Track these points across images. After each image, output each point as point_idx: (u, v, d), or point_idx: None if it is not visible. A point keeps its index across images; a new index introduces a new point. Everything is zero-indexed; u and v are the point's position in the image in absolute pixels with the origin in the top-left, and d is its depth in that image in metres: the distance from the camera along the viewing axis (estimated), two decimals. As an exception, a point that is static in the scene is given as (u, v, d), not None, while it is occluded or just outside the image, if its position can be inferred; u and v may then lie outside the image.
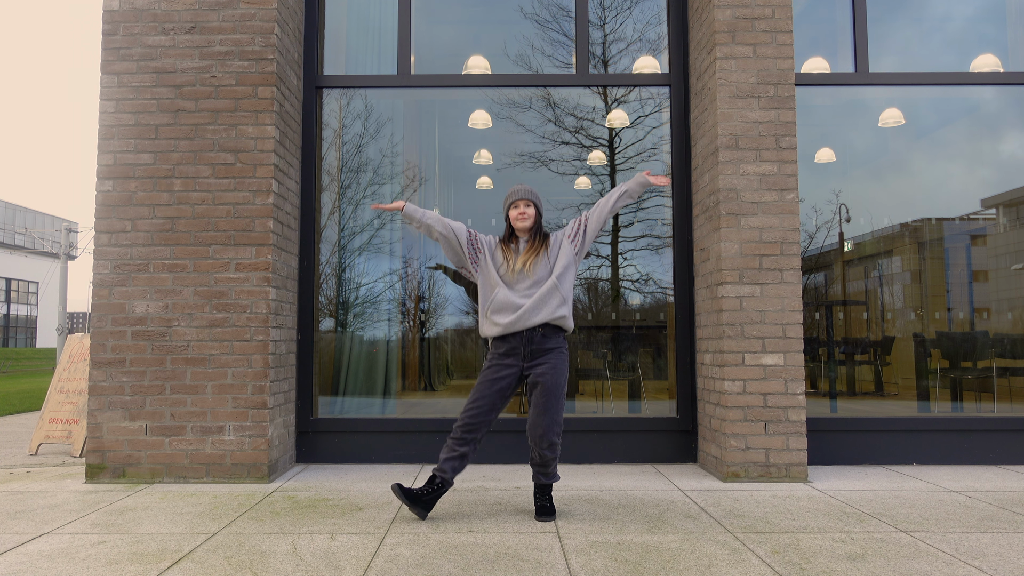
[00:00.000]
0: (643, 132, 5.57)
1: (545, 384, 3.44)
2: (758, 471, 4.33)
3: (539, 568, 2.72)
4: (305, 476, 4.52)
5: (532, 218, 3.58)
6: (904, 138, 5.79)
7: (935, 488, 4.12)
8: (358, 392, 5.41)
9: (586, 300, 5.93)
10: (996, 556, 2.86)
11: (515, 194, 3.61)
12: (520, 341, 3.48)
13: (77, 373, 5.77)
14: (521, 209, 3.57)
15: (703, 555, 2.88)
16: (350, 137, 5.54)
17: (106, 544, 3.04)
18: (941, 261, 5.92)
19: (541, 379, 3.44)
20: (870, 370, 5.80)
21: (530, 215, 3.57)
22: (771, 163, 4.49)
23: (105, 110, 4.50)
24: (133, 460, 4.32)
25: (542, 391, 3.44)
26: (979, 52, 5.44)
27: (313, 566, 2.75)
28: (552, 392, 3.43)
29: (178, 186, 4.46)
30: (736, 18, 4.55)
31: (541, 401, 3.44)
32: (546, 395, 3.43)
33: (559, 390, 3.45)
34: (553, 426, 3.43)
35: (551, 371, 3.45)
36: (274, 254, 4.48)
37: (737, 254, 4.44)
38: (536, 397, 3.46)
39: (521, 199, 3.58)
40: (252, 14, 4.53)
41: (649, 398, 5.50)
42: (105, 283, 4.41)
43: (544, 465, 3.49)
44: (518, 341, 3.48)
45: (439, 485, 3.49)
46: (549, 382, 3.43)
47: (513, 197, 3.61)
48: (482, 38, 5.89)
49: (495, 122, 5.65)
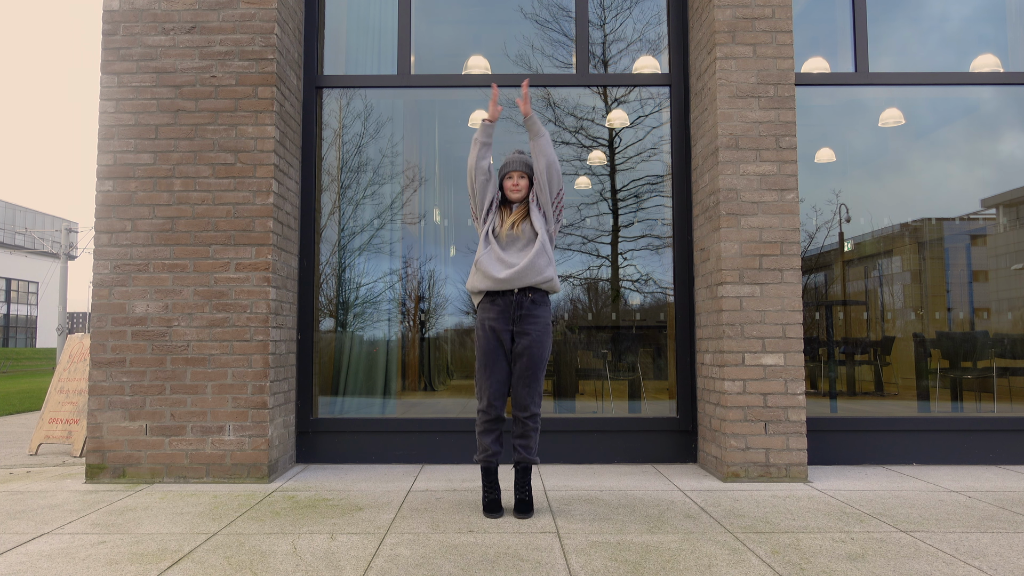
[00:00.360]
0: (643, 132, 5.57)
1: (532, 356, 3.52)
2: (758, 471, 4.33)
3: (539, 568, 2.72)
4: (305, 476, 4.52)
5: (525, 189, 3.65)
6: (904, 138, 5.79)
7: (935, 488, 4.12)
8: (358, 392, 5.41)
9: (586, 300, 5.93)
10: (996, 556, 2.86)
11: (510, 164, 3.66)
12: (509, 306, 3.54)
13: (77, 373, 5.77)
14: (515, 180, 3.63)
15: (703, 555, 2.88)
16: (350, 137, 5.54)
17: (106, 544, 3.04)
18: (941, 261, 5.92)
19: (527, 351, 3.52)
20: (870, 370, 5.80)
21: (523, 186, 3.64)
22: (771, 163, 4.50)
23: (105, 110, 4.50)
24: (133, 460, 4.32)
25: (528, 363, 3.53)
26: (979, 52, 5.44)
27: (313, 566, 2.75)
28: (538, 365, 3.54)
29: (178, 186, 4.46)
30: (736, 18, 4.55)
31: (527, 374, 3.53)
32: (532, 367, 3.53)
33: (543, 363, 3.57)
34: (536, 397, 3.57)
35: (537, 344, 3.53)
36: (274, 254, 4.48)
37: (737, 254, 4.44)
38: (521, 369, 3.54)
39: (515, 170, 3.63)
40: (252, 14, 4.53)
41: (649, 398, 5.50)
42: (105, 283, 4.41)
43: (526, 436, 3.58)
44: (507, 304, 3.54)
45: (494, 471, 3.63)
46: (535, 354, 3.53)
47: (508, 168, 3.65)
48: (482, 38, 5.89)
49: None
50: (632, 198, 5.59)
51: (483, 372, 3.57)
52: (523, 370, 3.53)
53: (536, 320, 3.54)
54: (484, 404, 3.57)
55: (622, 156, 5.65)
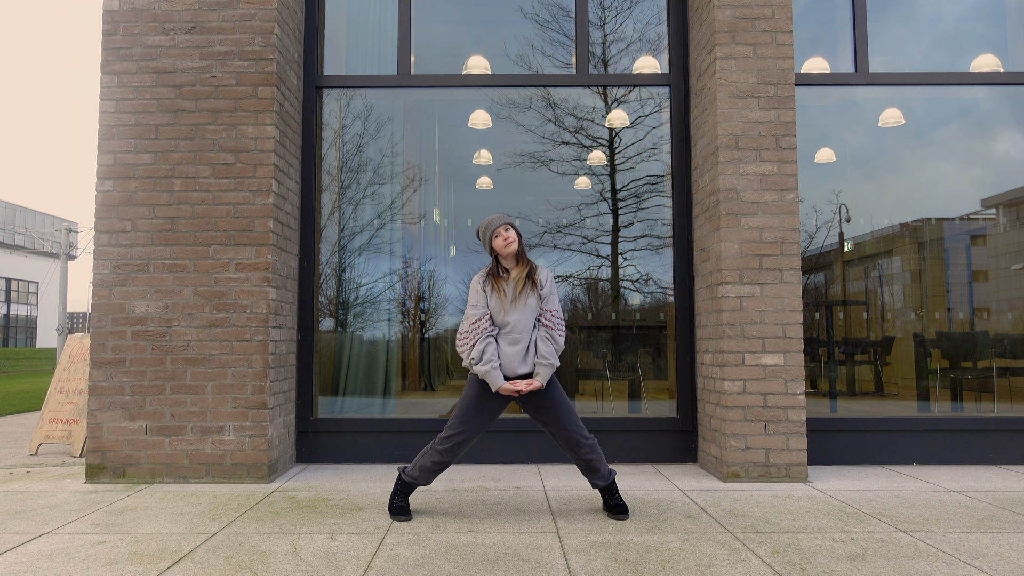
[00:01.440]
0: (643, 132, 5.57)
1: (555, 410, 3.47)
2: (758, 471, 4.33)
3: (539, 568, 2.72)
4: (305, 476, 4.52)
5: (516, 240, 3.53)
6: (904, 138, 5.79)
7: (935, 488, 4.12)
8: (358, 392, 5.41)
9: (586, 300, 5.93)
10: (996, 556, 2.86)
11: (493, 223, 3.53)
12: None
13: (77, 373, 5.77)
14: (503, 236, 3.50)
15: (703, 555, 2.88)
16: (350, 137, 5.54)
17: (106, 544, 3.05)
18: (941, 261, 5.92)
19: (548, 410, 3.48)
20: (870, 370, 5.80)
21: (514, 238, 3.51)
22: (771, 163, 4.50)
23: (105, 110, 4.50)
24: (133, 460, 4.32)
25: (554, 416, 3.47)
26: (979, 52, 5.44)
27: (313, 566, 2.75)
28: (562, 412, 3.48)
29: (178, 186, 4.46)
30: (736, 18, 4.55)
31: (560, 422, 3.47)
32: (561, 416, 3.47)
33: (567, 406, 3.50)
34: (579, 428, 3.49)
35: (553, 402, 3.47)
36: (274, 254, 4.48)
37: (737, 254, 4.44)
38: (550, 423, 3.50)
39: (500, 225, 3.51)
40: (252, 14, 4.53)
41: (649, 398, 5.50)
42: (105, 283, 4.41)
43: (592, 469, 3.52)
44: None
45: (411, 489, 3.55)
46: (558, 406, 3.47)
47: (493, 226, 3.52)
48: (482, 38, 5.89)
49: (495, 122, 5.65)
50: (632, 198, 5.59)
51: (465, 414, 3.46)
52: (554, 423, 3.48)
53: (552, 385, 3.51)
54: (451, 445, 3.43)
55: (622, 156, 5.65)
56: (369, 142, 5.58)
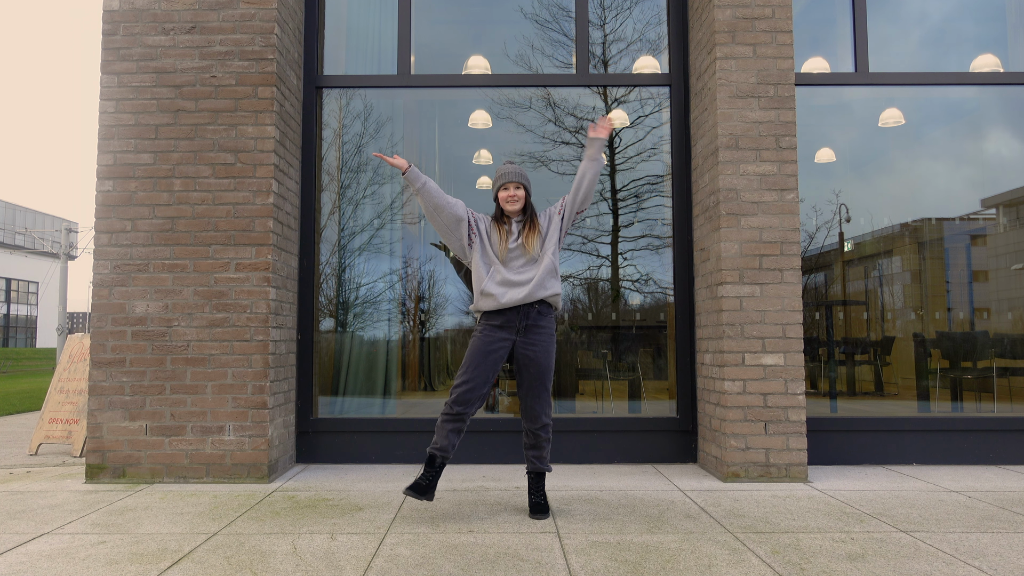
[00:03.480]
0: (643, 132, 5.57)
1: (539, 365, 3.52)
2: (758, 471, 4.33)
3: (539, 568, 2.72)
4: (305, 476, 4.52)
5: (522, 200, 3.60)
6: (904, 138, 5.79)
7: (935, 488, 4.12)
8: (358, 392, 5.41)
9: (586, 300, 5.93)
10: (996, 556, 2.86)
11: (504, 176, 3.61)
12: (516, 315, 3.52)
13: (77, 373, 5.77)
14: (511, 192, 3.58)
15: (703, 555, 2.88)
16: (350, 137, 5.54)
17: (106, 544, 3.05)
18: (941, 261, 5.92)
19: (534, 362, 3.51)
20: (870, 370, 5.80)
21: (520, 197, 3.59)
22: (771, 163, 4.50)
23: (105, 110, 4.50)
24: (133, 460, 4.32)
25: (536, 373, 3.52)
26: (979, 52, 5.44)
27: (313, 566, 2.75)
28: (545, 374, 3.53)
29: (178, 186, 4.46)
30: (736, 18, 4.55)
31: (536, 385, 3.53)
32: (540, 378, 3.52)
33: (549, 372, 3.55)
34: (546, 407, 3.56)
35: (543, 354, 3.52)
36: (274, 254, 4.48)
37: (737, 254, 4.44)
38: (529, 380, 3.53)
39: (511, 182, 3.59)
40: (252, 14, 4.53)
41: (649, 398, 5.50)
42: (105, 283, 4.41)
43: (539, 448, 3.56)
44: (514, 315, 3.53)
45: (440, 466, 3.53)
46: (543, 363, 3.52)
47: (503, 180, 3.61)
48: (482, 38, 5.89)
49: (495, 122, 5.65)
50: (632, 198, 5.59)
51: (470, 364, 3.50)
52: (532, 380, 3.52)
53: (541, 331, 3.54)
54: (458, 394, 3.46)
55: (622, 156, 5.65)
56: (369, 142, 5.58)
